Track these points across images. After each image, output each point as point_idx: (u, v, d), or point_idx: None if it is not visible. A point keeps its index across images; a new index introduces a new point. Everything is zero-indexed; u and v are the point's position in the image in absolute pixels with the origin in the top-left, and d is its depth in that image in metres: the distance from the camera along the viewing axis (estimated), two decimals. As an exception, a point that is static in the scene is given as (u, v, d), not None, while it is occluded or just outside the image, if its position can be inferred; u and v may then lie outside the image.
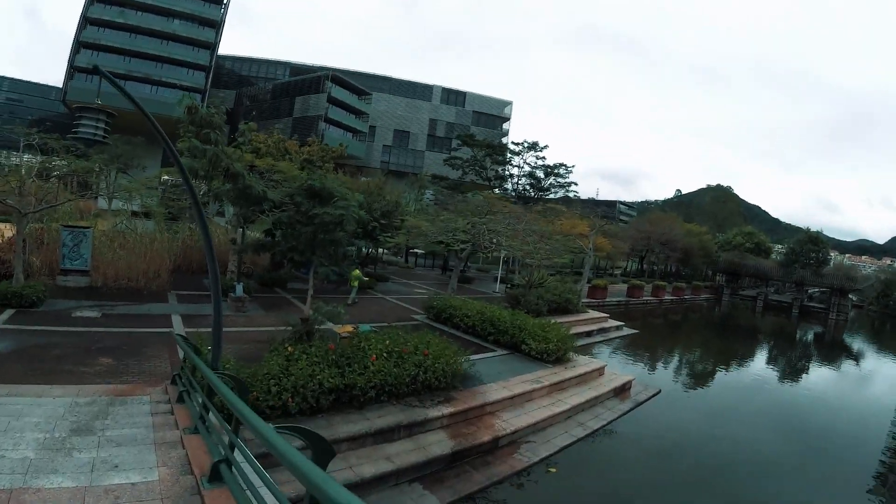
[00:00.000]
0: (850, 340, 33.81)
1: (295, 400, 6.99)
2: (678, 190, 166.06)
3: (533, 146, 53.78)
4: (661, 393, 13.68)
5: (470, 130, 66.33)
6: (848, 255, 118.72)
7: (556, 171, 54.24)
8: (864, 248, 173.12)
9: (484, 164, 54.62)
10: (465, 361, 9.49)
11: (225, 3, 51.47)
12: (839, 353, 27.55)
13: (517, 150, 54.76)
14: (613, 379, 13.21)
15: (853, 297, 45.05)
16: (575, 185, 55.94)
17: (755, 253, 53.07)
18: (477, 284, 29.12)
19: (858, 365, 24.33)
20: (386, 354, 8.40)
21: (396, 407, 8.13)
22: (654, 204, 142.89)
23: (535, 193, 55.27)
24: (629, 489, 8.40)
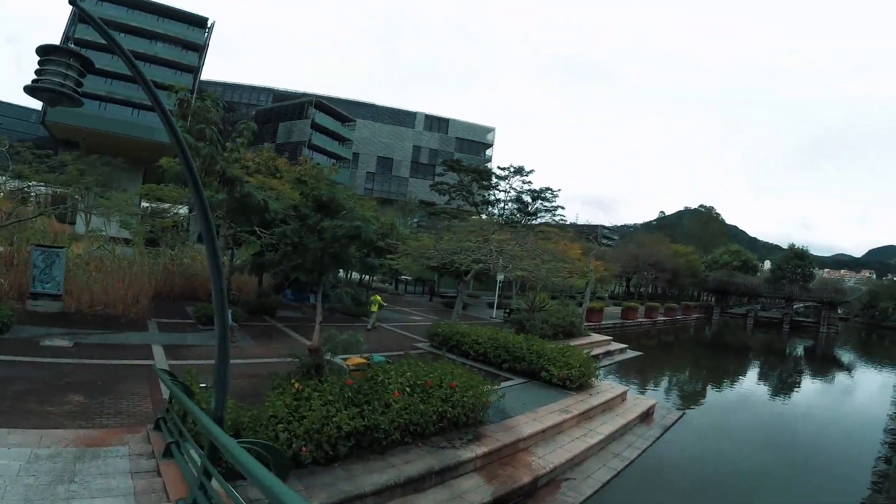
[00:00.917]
0: (850, 353, 33.95)
1: (308, 448, 5.83)
2: (662, 211, 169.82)
3: (519, 170, 53.66)
4: (685, 416, 12.97)
5: (454, 157, 66.26)
6: (827, 269, 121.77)
7: (542, 195, 54.26)
8: (842, 262, 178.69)
9: (471, 188, 54.35)
10: (493, 393, 8.44)
11: (209, 27, 50.85)
12: (842, 366, 27.61)
13: (503, 174, 54.75)
14: (637, 404, 12.42)
15: (840, 309, 45.68)
16: (562, 208, 56.07)
17: (742, 271, 53.70)
18: (470, 310, 27.99)
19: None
20: (409, 389, 7.30)
21: (423, 449, 7.01)
22: (633, 228, 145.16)
23: (522, 218, 55.03)
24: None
